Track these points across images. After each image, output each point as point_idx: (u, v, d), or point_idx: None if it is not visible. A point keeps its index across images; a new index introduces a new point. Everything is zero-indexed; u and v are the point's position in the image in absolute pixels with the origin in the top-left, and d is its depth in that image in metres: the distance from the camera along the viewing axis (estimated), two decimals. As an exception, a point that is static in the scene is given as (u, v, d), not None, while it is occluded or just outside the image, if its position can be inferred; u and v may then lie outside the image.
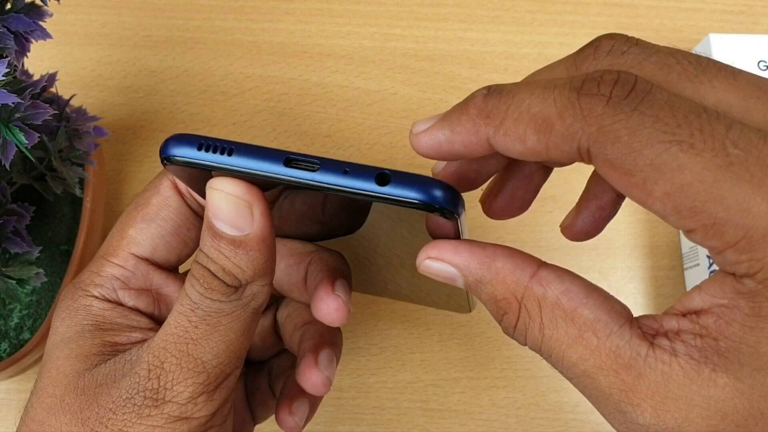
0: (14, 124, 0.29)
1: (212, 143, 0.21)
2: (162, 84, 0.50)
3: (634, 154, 0.17)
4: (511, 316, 0.21)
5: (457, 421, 0.43)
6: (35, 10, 0.30)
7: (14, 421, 0.42)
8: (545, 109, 0.18)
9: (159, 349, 0.23)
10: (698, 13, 0.53)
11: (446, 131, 0.21)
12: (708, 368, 0.18)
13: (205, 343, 0.23)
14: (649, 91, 0.18)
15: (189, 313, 0.23)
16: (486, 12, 0.53)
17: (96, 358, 0.25)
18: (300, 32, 0.51)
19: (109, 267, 0.27)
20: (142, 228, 0.27)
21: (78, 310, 0.26)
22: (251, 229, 0.22)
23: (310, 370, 0.29)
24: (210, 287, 0.23)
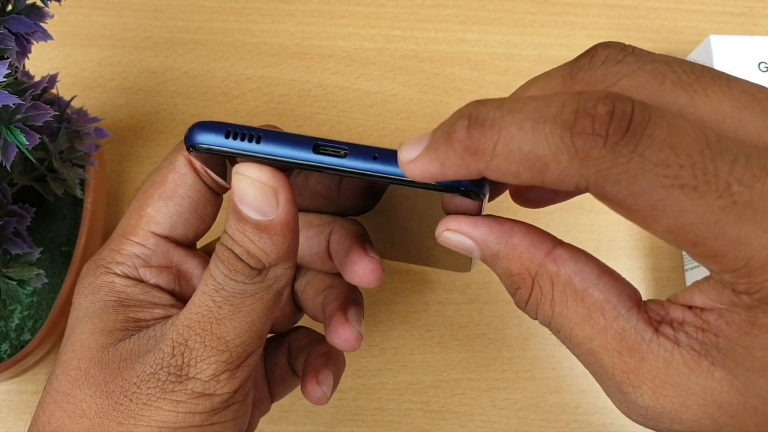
0: (15, 125, 0.29)
1: (239, 130, 0.21)
2: (163, 85, 0.50)
3: (635, 197, 0.17)
4: (524, 291, 0.21)
5: (457, 423, 0.43)
6: (36, 11, 0.30)
7: (14, 422, 0.42)
8: (537, 148, 0.17)
9: (183, 327, 0.24)
10: (698, 14, 0.53)
11: (436, 165, 0.20)
12: (707, 361, 0.19)
13: (229, 323, 0.23)
14: (647, 125, 0.17)
15: (213, 293, 0.24)
16: (486, 13, 0.53)
17: (120, 333, 0.25)
18: (301, 34, 0.51)
19: (129, 245, 0.27)
20: (160, 206, 0.27)
21: (101, 286, 0.26)
22: (276, 215, 0.23)
23: (342, 326, 0.30)
24: (234, 269, 0.23)
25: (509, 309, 0.46)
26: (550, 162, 0.17)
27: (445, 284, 0.46)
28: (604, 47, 0.21)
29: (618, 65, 0.20)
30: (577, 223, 0.47)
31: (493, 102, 0.19)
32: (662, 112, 0.17)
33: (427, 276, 0.46)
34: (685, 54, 0.48)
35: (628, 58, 0.20)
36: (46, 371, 0.43)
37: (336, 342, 0.30)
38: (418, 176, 0.20)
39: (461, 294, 0.46)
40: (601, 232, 0.47)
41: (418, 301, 0.45)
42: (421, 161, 0.20)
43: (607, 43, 0.21)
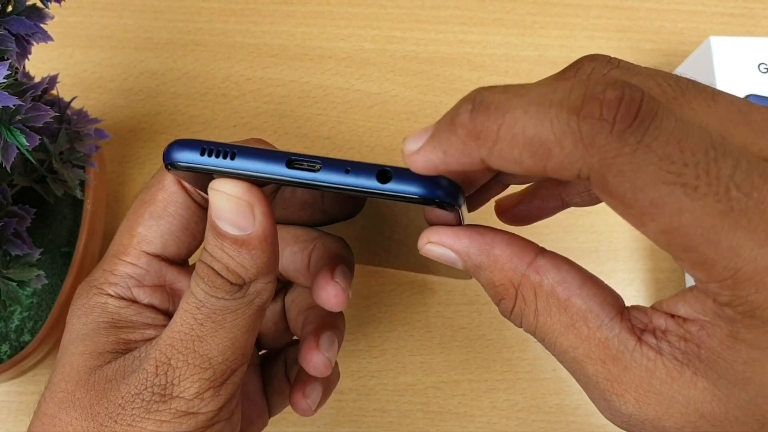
0: (15, 126, 0.29)
1: (214, 147, 0.22)
2: (163, 86, 0.50)
3: (635, 190, 0.17)
4: (508, 301, 0.21)
5: (457, 424, 0.43)
6: (36, 12, 0.30)
7: (14, 422, 0.42)
8: (541, 132, 0.17)
9: (166, 346, 0.24)
10: (698, 15, 0.53)
11: (438, 153, 0.19)
12: (690, 371, 0.19)
13: (211, 340, 0.23)
14: (655, 115, 0.16)
15: (195, 311, 0.23)
16: (486, 14, 0.53)
17: (109, 356, 0.25)
18: (301, 35, 0.51)
19: (122, 266, 0.27)
20: (151, 225, 0.27)
21: (93, 307, 0.26)
22: (253, 229, 0.23)
23: (311, 351, 0.30)
24: (214, 285, 0.23)
25: (509, 310, 0.45)
26: (553, 147, 0.17)
27: (445, 285, 0.46)
28: (590, 60, 0.21)
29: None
30: (577, 224, 0.47)
31: (499, 87, 0.18)
32: (669, 107, 0.17)
33: (427, 278, 0.46)
34: (686, 55, 0.48)
35: (613, 72, 0.20)
36: (46, 372, 0.43)
37: (305, 366, 0.30)
38: (422, 167, 0.20)
39: (461, 295, 0.46)
40: (601, 233, 0.47)
41: (418, 303, 0.45)
42: (425, 150, 0.20)
43: (593, 56, 0.21)
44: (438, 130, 0.19)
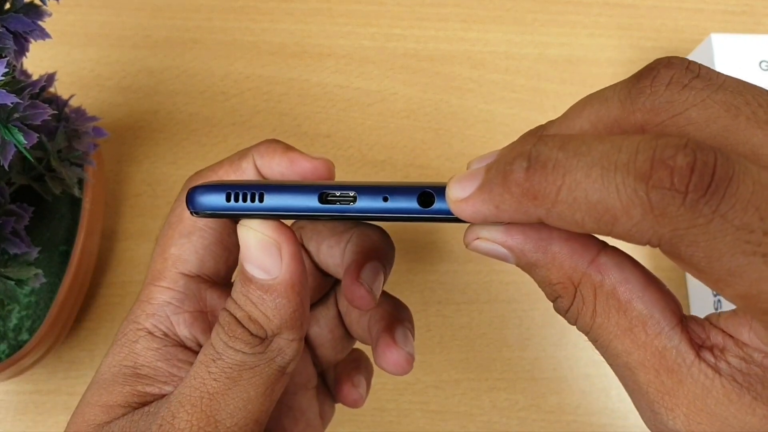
0: (13, 124, 0.29)
1: (240, 190, 0.21)
2: (161, 84, 0.49)
3: (711, 260, 0.16)
4: (566, 300, 0.20)
5: (457, 423, 0.43)
6: (34, 10, 0.30)
7: (12, 422, 0.42)
8: (607, 199, 0.16)
9: (175, 402, 0.22)
10: (700, 13, 0.53)
11: (490, 207, 0.18)
12: (750, 396, 0.18)
13: (222, 399, 0.22)
14: (731, 180, 0.15)
15: (210, 363, 0.22)
16: (487, 12, 0.53)
17: (120, 410, 0.23)
18: (300, 32, 0.51)
19: (158, 292, 0.25)
20: (183, 244, 0.26)
21: (123, 346, 0.25)
22: (279, 273, 0.22)
23: (389, 349, 0.28)
24: (234, 335, 0.22)
25: (509, 309, 0.45)
26: (620, 215, 0.16)
27: (445, 284, 0.46)
28: (667, 67, 0.19)
29: (684, 91, 0.18)
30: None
31: (556, 141, 0.17)
32: (746, 166, 0.16)
33: (428, 276, 0.46)
34: (687, 53, 0.48)
35: (695, 83, 0.18)
36: (43, 371, 0.43)
37: (385, 366, 0.28)
38: (469, 217, 0.19)
39: (461, 294, 0.46)
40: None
41: (418, 302, 0.45)
42: (474, 202, 0.19)
43: (670, 61, 0.19)
44: (489, 182, 0.18)
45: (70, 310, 0.40)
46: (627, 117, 0.19)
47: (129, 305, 0.44)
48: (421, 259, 0.46)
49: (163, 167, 0.47)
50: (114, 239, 0.46)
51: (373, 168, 0.48)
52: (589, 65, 0.51)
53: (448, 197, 0.19)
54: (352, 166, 0.48)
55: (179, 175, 0.47)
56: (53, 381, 0.43)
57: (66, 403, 0.42)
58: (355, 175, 0.47)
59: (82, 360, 0.43)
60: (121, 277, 0.45)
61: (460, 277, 0.46)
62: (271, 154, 0.25)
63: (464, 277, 0.46)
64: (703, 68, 0.19)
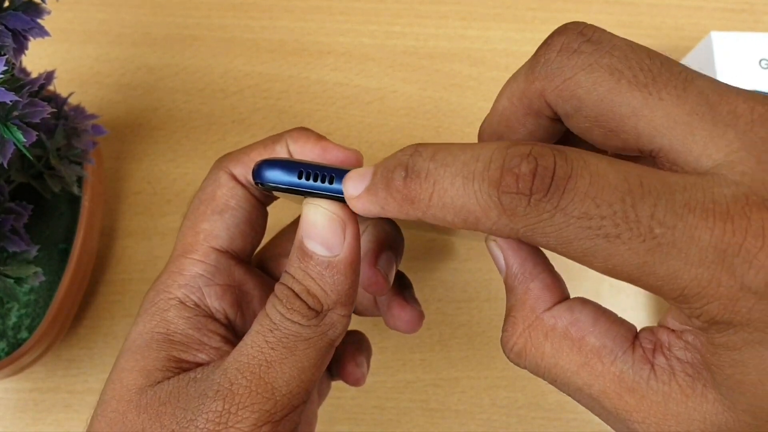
0: (12, 122, 0.29)
1: (312, 171, 0.22)
2: (161, 81, 0.49)
3: (564, 245, 0.18)
4: (513, 337, 0.22)
5: (457, 421, 0.43)
6: (33, 7, 0.30)
7: (12, 420, 0.42)
8: (468, 203, 0.18)
9: (232, 369, 0.23)
10: (700, 11, 0.53)
11: (377, 207, 0.21)
12: (701, 384, 0.19)
13: (279, 367, 0.23)
14: (569, 178, 0.17)
15: (267, 333, 0.23)
16: (487, 9, 0.52)
17: (159, 374, 0.24)
18: (299, 30, 0.51)
19: (190, 264, 0.26)
20: (215, 220, 0.27)
21: (155, 314, 0.25)
22: (341, 250, 0.23)
23: (404, 310, 0.31)
24: (292, 308, 0.23)
25: (509, 307, 0.45)
26: (481, 216, 0.18)
27: (445, 282, 0.46)
28: (559, 34, 0.20)
29: (573, 56, 0.20)
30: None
31: (429, 151, 0.20)
32: (585, 160, 0.18)
33: (427, 274, 0.46)
34: (687, 51, 0.48)
35: (584, 47, 0.19)
36: (43, 370, 0.43)
37: (400, 324, 0.31)
38: (361, 212, 0.21)
39: (461, 292, 0.46)
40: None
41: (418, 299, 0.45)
42: (363, 201, 0.21)
43: (564, 28, 0.20)
44: (375, 186, 0.21)
45: (69, 308, 0.40)
46: (529, 87, 0.21)
47: (128, 303, 0.44)
48: (421, 257, 0.46)
49: (163, 165, 0.47)
50: (113, 237, 0.46)
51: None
52: (589, 63, 0.51)
53: (344, 192, 0.22)
54: (351, 163, 0.48)
55: (178, 173, 0.47)
56: (52, 379, 0.43)
57: (65, 401, 0.42)
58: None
59: (81, 358, 0.43)
60: (120, 275, 0.45)
61: (460, 276, 0.46)
62: (304, 141, 0.27)
63: (464, 276, 0.46)
64: (597, 32, 0.20)
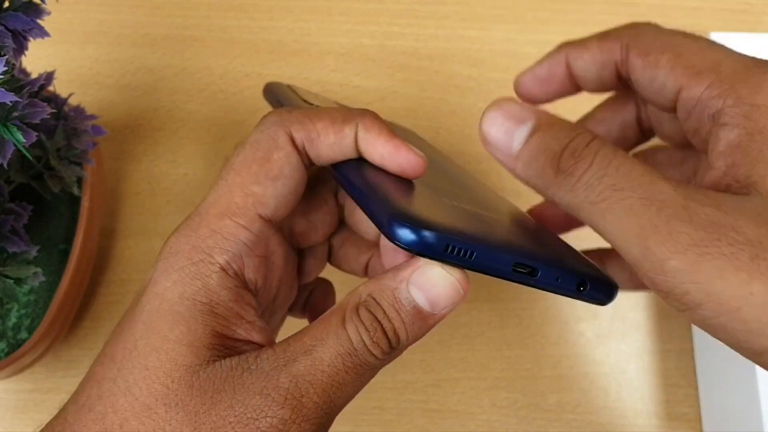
0: (12, 122, 0.29)
1: (459, 246, 0.22)
2: (161, 82, 0.49)
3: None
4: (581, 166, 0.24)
5: (457, 422, 0.43)
6: (33, 8, 0.30)
7: (11, 420, 0.42)
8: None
9: (304, 381, 0.22)
10: (700, 11, 0.53)
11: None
12: (742, 195, 0.22)
13: (346, 390, 0.23)
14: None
15: (347, 357, 0.23)
16: (487, 10, 0.52)
17: (207, 353, 0.23)
18: (299, 30, 0.51)
19: (235, 229, 0.24)
20: (268, 186, 0.25)
21: (195, 278, 0.24)
22: (439, 311, 0.23)
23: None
24: (377, 342, 0.23)
25: (509, 308, 0.45)
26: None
27: (445, 283, 0.46)
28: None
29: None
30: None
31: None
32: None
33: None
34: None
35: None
36: (43, 370, 0.43)
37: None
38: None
39: (461, 292, 0.46)
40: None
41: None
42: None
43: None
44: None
45: (69, 308, 0.40)
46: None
47: (128, 303, 0.44)
48: (420, 258, 0.46)
49: (163, 165, 0.47)
50: (113, 237, 0.46)
51: (372, 166, 0.48)
52: (589, 64, 0.51)
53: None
54: (351, 164, 0.48)
55: (178, 173, 0.47)
56: (52, 379, 0.43)
57: (65, 401, 0.42)
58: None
59: (81, 359, 0.43)
60: (120, 275, 0.45)
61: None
62: (376, 135, 0.25)
63: (464, 276, 0.46)
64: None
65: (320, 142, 0.25)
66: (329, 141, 0.25)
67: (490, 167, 0.48)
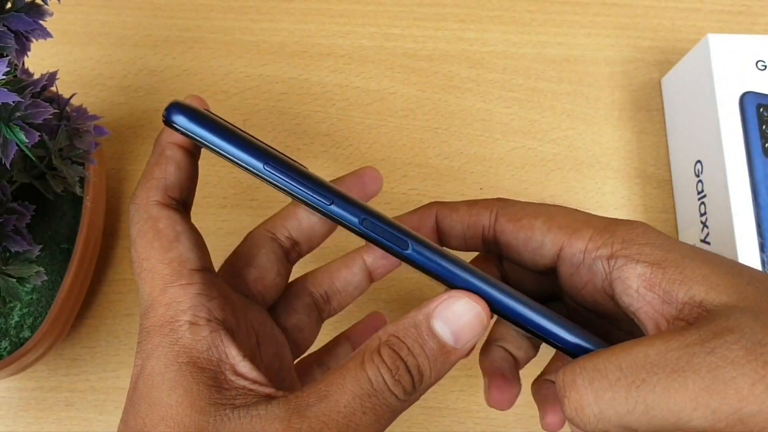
0: (15, 123, 0.29)
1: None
2: (162, 83, 0.50)
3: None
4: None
5: (455, 420, 0.43)
6: (36, 9, 0.30)
7: (14, 418, 0.42)
8: None
9: (318, 422, 0.22)
10: (696, 13, 0.53)
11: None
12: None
13: (363, 430, 0.22)
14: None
15: (365, 398, 0.22)
16: (485, 12, 0.53)
17: (212, 408, 0.23)
18: (300, 32, 0.52)
19: (183, 289, 0.25)
20: (174, 248, 0.25)
21: (172, 345, 0.24)
22: (462, 345, 0.24)
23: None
24: (399, 380, 0.22)
25: (507, 306, 0.46)
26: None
27: (444, 282, 0.46)
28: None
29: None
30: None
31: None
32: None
33: (426, 274, 0.46)
34: (684, 53, 0.49)
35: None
36: (45, 368, 0.43)
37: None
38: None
39: (459, 292, 0.46)
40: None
41: (417, 299, 0.46)
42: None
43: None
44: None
45: (71, 307, 0.41)
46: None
47: (130, 302, 0.45)
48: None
49: (164, 166, 0.48)
50: (115, 237, 0.46)
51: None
52: (587, 64, 0.52)
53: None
54: (351, 164, 0.48)
55: (179, 174, 0.47)
56: (55, 378, 0.43)
57: (67, 399, 0.43)
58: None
59: (83, 357, 0.43)
60: (122, 274, 0.45)
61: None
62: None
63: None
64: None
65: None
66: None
67: (490, 167, 0.48)
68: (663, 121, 0.50)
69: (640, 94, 0.51)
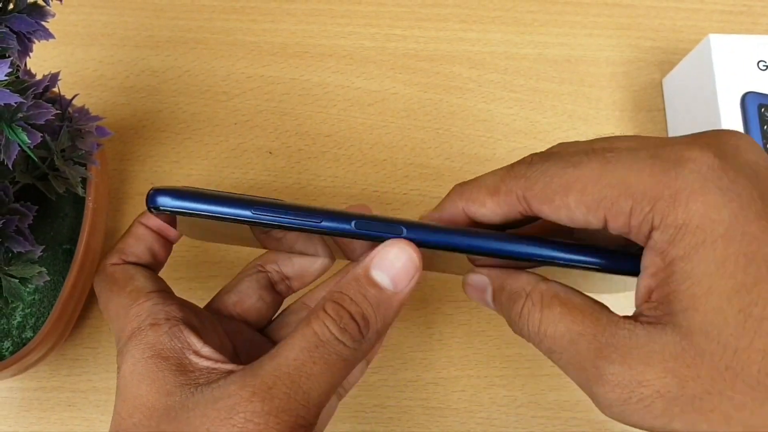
0: (17, 123, 0.29)
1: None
2: (164, 84, 0.50)
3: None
4: (519, 303, 0.26)
5: (457, 420, 0.43)
6: (38, 10, 0.30)
7: (16, 419, 0.42)
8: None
9: (270, 375, 0.24)
10: (698, 13, 0.53)
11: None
12: (660, 324, 0.22)
13: (317, 380, 0.24)
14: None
15: (312, 348, 0.24)
16: (486, 12, 0.53)
17: (178, 390, 0.25)
18: (301, 33, 0.52)
19: (141, 302, 0.29)
20: (137, 285, 0.30)
21: (138, 345, 0.27)
22: (402, 290, 0.25)
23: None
24: (345, 328, 0.24)
25: (509, 307, 0.46)
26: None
27: (445, 282, 0.46)
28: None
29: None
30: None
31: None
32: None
33: (427, 274, 0.46)
34: (685, 53, 0.49)
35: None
36: (47, 369, 0.43)
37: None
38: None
39: (461, 291, 0.46)
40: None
41: (418, 299, 0.46)
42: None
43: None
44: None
45: (73, 307, 0.41)
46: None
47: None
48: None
49: (166, 166, 0.48)
50: (117, 237, 0.46)
51: (373, 167, 0.48)
52: (588, 65, 0.52)
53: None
54: (353, 165, 0.48)
55: (181, 174, 0.47)
56: (57, 378, 0.43)
57: (69, 399, 0.43)
58: (356, 174, 0.48)
59: (85, 357, 0.43)
60: (123, 275, 0.45)
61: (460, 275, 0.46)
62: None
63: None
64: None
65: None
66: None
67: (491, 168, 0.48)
68: (664, 121, 0.50)
69: (642, 95, 0.51)
